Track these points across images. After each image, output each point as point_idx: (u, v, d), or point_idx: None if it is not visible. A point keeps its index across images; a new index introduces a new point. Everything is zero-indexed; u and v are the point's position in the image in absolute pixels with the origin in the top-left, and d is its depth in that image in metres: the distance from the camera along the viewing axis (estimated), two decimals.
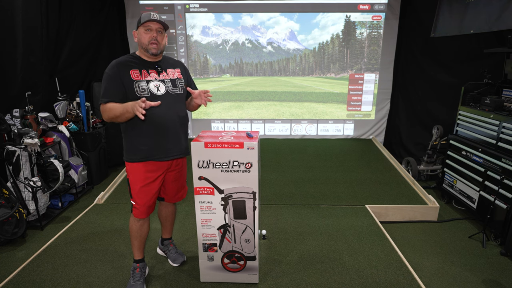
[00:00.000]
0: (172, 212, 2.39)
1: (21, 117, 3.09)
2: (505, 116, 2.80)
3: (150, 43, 1.94)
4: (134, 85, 1.93)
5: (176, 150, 2.07)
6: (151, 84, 1.97)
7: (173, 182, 2.19)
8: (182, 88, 2.09)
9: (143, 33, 1.94)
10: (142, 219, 2.13)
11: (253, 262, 2.14)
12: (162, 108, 1.96)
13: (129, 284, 2.15)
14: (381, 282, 2.22)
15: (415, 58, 4.74)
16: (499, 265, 2.55)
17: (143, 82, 1.95)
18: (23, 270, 2.34)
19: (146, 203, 2.08)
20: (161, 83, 2.00)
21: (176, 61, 2.17)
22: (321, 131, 5.58)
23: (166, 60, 2.11)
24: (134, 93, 1.92)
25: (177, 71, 2.10)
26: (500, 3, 2.86)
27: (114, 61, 1.97)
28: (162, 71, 2.03)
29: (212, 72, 5.45)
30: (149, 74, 1.98)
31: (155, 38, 1.94)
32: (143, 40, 1.94)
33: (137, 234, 2.16)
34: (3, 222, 2.66)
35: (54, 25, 3.70)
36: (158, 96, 1.97)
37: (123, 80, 1.92)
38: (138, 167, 2.02)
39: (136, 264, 2.21)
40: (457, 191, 3.36)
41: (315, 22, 5.12)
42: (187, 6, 5.06)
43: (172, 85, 2.04)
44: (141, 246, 2.22)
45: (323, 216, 3.09)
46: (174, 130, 2.04)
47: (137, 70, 1.96)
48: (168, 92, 2.01)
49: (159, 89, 1.98)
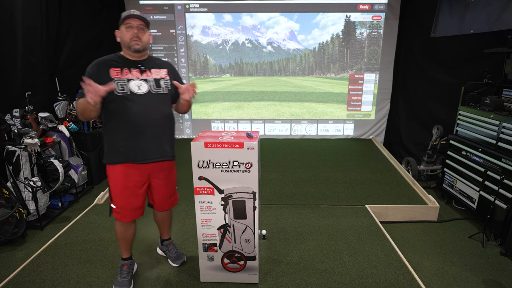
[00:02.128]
0: (167, 216, 2.35)
1: (21, 117, 3.09)
2: (505, 116, 2.80)
3: (132, 40, 1.89)
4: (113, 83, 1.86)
5: (157, 152, 2.00)
6: (132, 83, 1.91)
7: (160, 189, 2.13)
8: (167, 88, 2.02)
9: (124, 31, 1.91)
10: (126, 222, 2.08)
11: (253, 262, 2.14)
12: (143, 108, 1.91)
13: (117, 280, 2.16)
14: (381, 282, 2.22)
15: (415, 58, 4.74)
16: (499, 265, 2.55)
17: (123, 80, 1.89)
18: (23, 270, 2.34)
19: (127, 206, 2.02)
20: (143, 82, 1.94)
21: (163, 62, 2.10)
22: (321, 131, 5.58)
23: (152, 59, 2.05)
24: (112, 92, 1.85)
25: (163, 72, 2.04)
26: (500, 3, 2.86)
27: (96, 59, 1.92)
28: (145, 70, 1.97)
29: (212, 72, 5.45)
30: (131, 73, 1.93)
31: (136, 35, 1.89)
32: (125, 37, 1.90)
33: (122, 236, 2.15)
34: (3, 222, 2.66)
35: (54, 25, 3.70)
36: (139, 95, 1.91)
37: (101, 78, 1.85)
38: (118, 169, 1.96)
39: (124, 262, 2.21)
40: (457, 191, 3.36)
41: (315, 22, 5.12)
42: (187, 6, 5.06)
43: (155, 85, 1.97)
44: (127, 246, 2.21)
45: (323, 216, 3.09)
46: (155, 131, 1.97)
47: (118, 69, 1.91)
48: (150, 92, 1.95)
49: (141, 88, 1.92)
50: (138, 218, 2.13)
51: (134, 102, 1.90)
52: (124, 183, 1.98)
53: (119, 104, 1.89)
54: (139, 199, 2.05)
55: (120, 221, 2.08)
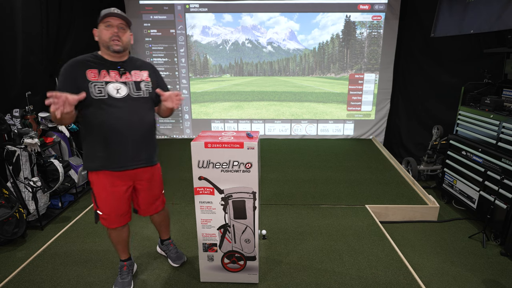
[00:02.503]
0: (164, 218, 2.32)
1: (21, 117, 3.09)
2: (505, 116, 2.79)
3: (112, 40, 1.78)
4: (90, 85, 1.76)
5: (137, 159, 1.92)
6: (110, 86, 1.80)
7: (144, 193, 2.06)
8: (148, 91, 1.92)
9: (103, 29, 1.79)
10: (117, 228, 2.03)
11: (253, 262, 2.14)
12: (122, 112, 1.81)
13: (117, 281, 2.15)
14: (381, 282, 2.22)
15: (415, 58, 4.74)
16: (499, 265, 2.55)
17: (101, 83, 1.78)
18: (23, 270, 2.34)
19: (113, 212, 1.96)
20: (122, 85, 1.83)
21: (144, 63, 2.00)
22: (321, 131, 5.58)
23: (133, 61, 1.94)
24: (89, 95, 1.75)
25: (144, 73, 1.94)
26: (500, 3, 2.86)
27: (72, 59, 1.81)
28: (125, 72, 1.86)
29: (212, 72, 5.45)
30: (109, 75, 1.82)
31: (116, 34, 1.79)
32: (104, 37, 1.79)
33: (117, 241, 2.11)
34: (3, 222, 2.66)
35: (54, 25, 3.70)
36: (118, 99, 1.81)
37: (77, 80, 1.75)
38: (101, 176, 1.90)
39: (123, 263, 2.20)
40: (457, 191, 3.36)
41: (315, 22, 5.12)
42: (187, 6, 5.06)
43: (135, 88, 1.87)
44: (124, 249, 2.17)
45: (323, 216, 3.09)
46: (135, 137, 1.88)
47: (96, 70, 1.80)
48: (130, 96, 1.84)
49: (119, 92, 1.82)
50: (133, 218, 2.11)
51: (112, 106, 1.80)
52: (108, 189, 1.91)
53: (96, 109, 1.78)
54: (125, 204, 1.99)
55: (109, 227, 2.02)
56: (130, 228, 2.19)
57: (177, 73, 5.36)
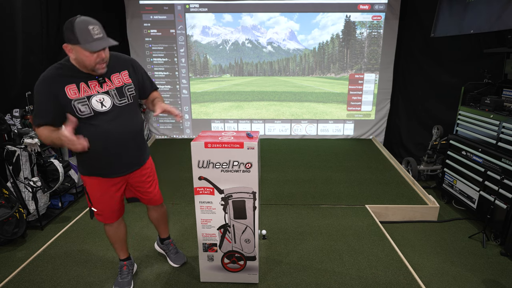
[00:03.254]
0: (162, 215, 2.31)
1: (21, 117, 3.09)
2: (505, 116, 2.80)
3: (98, 64, 1.62)
4: (73, 104, 1.64)
5: (126, 165, 1.92)
6: (93, 100, 1.69)
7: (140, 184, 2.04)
8: (132, 96, 1.84)
9: (88, 55, 1.57)
10: (114, 223, 2.06)
11: (253, 262, 2.14)
12: (110, 125, 1.75)
13: (117, 281, 2.15)
14: (381, 282, 2.22)
15: (415, 58, 4.74)
16: (499, 265, 2.55)
17: (83, 100, 1.66)
18: (23, 270, 2.34)
19: (107, 209, 1.99)
20: (105, 96, 1.72)
21: (123, 61, 1.85)
22: (321, 131, 5.58)
23: (110, 63, 1.75)
24: (74, 114, 1.65)
25: (123, 75, 1.81)
26: (500, 3, 2.86)
27: (43, 75, 1.65)
28: (105, 81, 1.73)
29: (212, 72, 5.44)
30: (89, 88, 1.68)
31: (102, 59, 1.62)
32: (87, 62, 1.60)
33: (114, 237, 2.12)
34: (3, 222, 2.66)
35: (54, 24, 3.70)
36: (103, 113, 1.72)
37: (57, 98, 1.63)
38: (91, 180, 1.91)
39: (123, 262, 2.20)
40: (457, 191, 3.36)
41: (315, 22, 5.12)
42: (187, 6, 5.06)
43: (118, 95, 1.77)
44: (122, 247, 2.19)
45: (323, 216, 3.09)
46: (124, 145, 1.85)
47: (74, 85, 1.65)
48: (115, 105, 1.76)
49: (104, 104, 1.72)
50: (133, 218, 2.12)
51: (99, 120, 1.73)
52: (101, 191, 1.93)
53: (84, 125, 1.71)
54: (118, 201, 2.01)
55: (105, 223, 2.06)
56: (129, 229, 2.19)
57: (177, 73, 5.36)
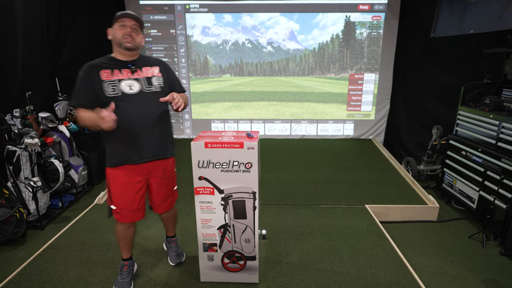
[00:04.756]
0: (172, 214, 2.37)
1: (22, 117, 3.09)
2: (504, 116, 2.80)
3: (124, 37, 1.88)
4: (104, 85, 1.87)
5: (154, 151, 2.00)
6: (123, 83, 1.90)
7: (158, 189, 2.13)
8: (160, 86, 2.00)
9: (117, 28, 1.89)
10: (127, 223, 2.09)
11: (253, 262, 2.14)
12: (136, 107, 1.90)
13: (117, 281, 2.17)
14: (381, 282, 2.22)
15: (415, 58, 4.74)
16: (499, 265, 2.55)
17: (114, 82, 1.89)
18: (23, 270, 2.34)
19: (127, 207, 2.02)
20: (134, 82, 1.93)
21: (155, 60, 2.09)
22: (321, 131, 5.59)
23: (144, 59, 2.04)
24: (103, 94, 1.86)
25: (155, 69, 2.02)
26: (500, 3, 2.86)
27: (87, 63, 1.92)
28: (136, 70, 1.95)
29: (212, 72, 5.45)
30: (121, 73, 1.92)
31: (129, 34, 1.88)
32: (117, 35, 1.88)
33: (122, 237, 2.16)
34: (4, 222, 2.66)
35: (54, 25, 3.70)
36: (131, 95, 1.90)
37: (93, 81, 1.86)
38: (116, 172, 1.98)
39: (124, 262, 2.22)
40: (457, 191, 3.36)
41: (315, 22, 5.12)
42: (187, 6, 5.06)
43: (147, 83, 1.96)
44: (127, 247, 2.21)
45: (323, 216, 3.09)
46: (149, 130, 1.95)
47: (109, 70, 1.90)
48: (142, 91, 1.93)
49: (132, 88, 1.91)
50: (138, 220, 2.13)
51: (126, 102, 1.88)
52: (123, 184, 1.99)
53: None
54: (138, 200, 2.05)
55: (120, 222, 2.08)
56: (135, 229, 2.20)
57: (177, 73, 5.36)
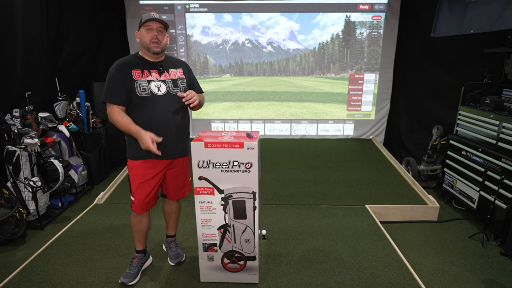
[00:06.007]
0: (175, 209, 2.41)
1: (21, 117, 3.09)
2: (505, 116, 2.80)
3: (152, 42, 1.98)
4: (135, 84, 1.97)
5: (175, 150, 2.11)
6: (152, 84, 2.01)
7: (173, 180, 2.22)
8: (184, 88, 2.11)
9: (144, 33, 1.98)
10: (140, 214, 2.19)
11: (253, 262, 2.14)
12: (163, 108, 2.01)
13: (125, 271, 2.23)
14: (381, 282, 2.22)
15: (415, 58, 4.74)
16: (499, 265, 2.55)
17: (144, 82, 1.99)
18: (23, 270, 2.34)
19: (143, 199, 2.12)
20: (162, 83, 2.03)
21: (178, 61, 2.21)
22: (321, 131, 5.58)
23: (169, 60, 2.15)
24: (135, 93, 1.97)
25: (179, 71, 2.14)
26: (500, 3, 2.86)
27: (118, 61, 2.02)
28: (163, 71, 2.06)
29: (212, 72, 5.45)
30: (151, 74, 2.02)
31: (156, 37, 1.98)
32: (145, 39, 1.98)
33: (136, 227, 2.25)
34: (3, 222, 2.66)
35: (54, 25, 3.70)
36: (158, 96, 2.01)
37: (126, 79, 1.96)
38: (138, 164, 2.07)
39: (136, 254, 2.29)
40: (457, 191, 3.36)
41: (315, 22, 5.12)
42: (187, 6, 5.06)
43: (173, 85, 2.07)
44: (140, 238, 2.29)
45: (323, 216, 3.09)
46: (174, 130, 2.06)
47: (139, 70, 2.00)
48: (169, 92, 2.04)
49: (160, 89, 2.02)
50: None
51: (154, 103, 1.99)
52: (143, 177, 2.08)
53: (140, 105, 1.99)
54: (154, 191, 2.15)
55: (135, 212, 2.18)
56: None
57: None
